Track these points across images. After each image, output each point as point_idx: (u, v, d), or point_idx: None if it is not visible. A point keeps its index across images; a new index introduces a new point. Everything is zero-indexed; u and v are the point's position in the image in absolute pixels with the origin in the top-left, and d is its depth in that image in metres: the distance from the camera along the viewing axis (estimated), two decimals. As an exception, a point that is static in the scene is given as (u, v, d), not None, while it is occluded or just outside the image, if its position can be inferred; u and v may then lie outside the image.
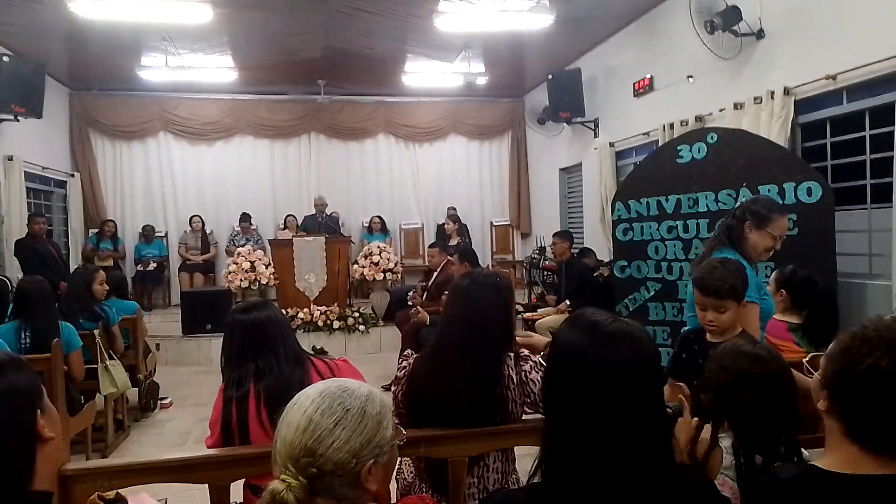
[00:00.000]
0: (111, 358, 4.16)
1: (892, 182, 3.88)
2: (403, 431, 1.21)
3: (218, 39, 7.31)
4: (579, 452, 1.04)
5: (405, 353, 2.12)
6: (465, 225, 10.22)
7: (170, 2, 5.77)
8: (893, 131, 3.83)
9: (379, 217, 9.95)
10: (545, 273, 7.65)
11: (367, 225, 10.01)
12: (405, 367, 2.02)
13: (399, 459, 1.65)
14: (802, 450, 1.39)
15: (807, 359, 1.12)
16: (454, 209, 10.22)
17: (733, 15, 4.91)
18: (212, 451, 1.85)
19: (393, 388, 2.06)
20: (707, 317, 2.14)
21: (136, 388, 4.97)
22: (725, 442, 1.45)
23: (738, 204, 2.77)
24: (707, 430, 1.45)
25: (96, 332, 4.10)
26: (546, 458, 1.08)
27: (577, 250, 7.26)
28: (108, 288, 4.59)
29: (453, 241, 7.98)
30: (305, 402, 1.10)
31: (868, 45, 4.03)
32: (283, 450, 1.06)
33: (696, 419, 1.48)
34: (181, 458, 1.72)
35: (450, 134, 10.71)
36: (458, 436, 1.78)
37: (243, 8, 6.22)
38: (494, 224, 10.82)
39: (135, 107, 9.51)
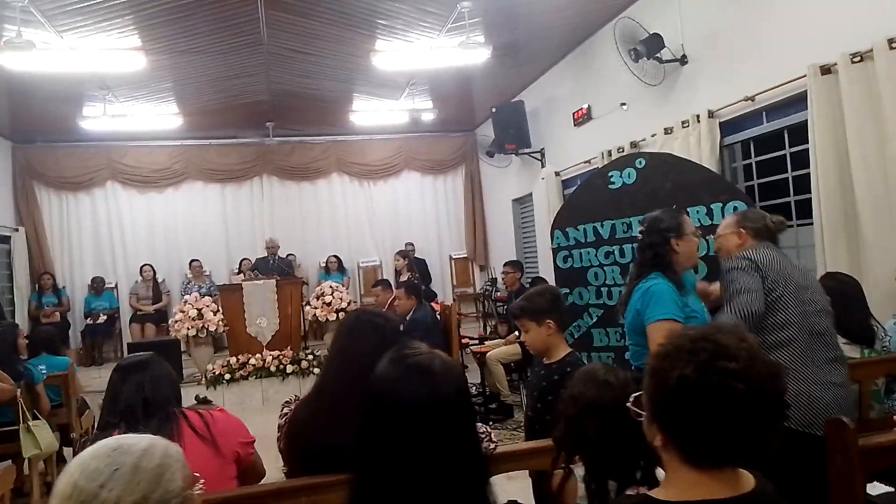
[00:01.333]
0: (35, 418, 3.99)
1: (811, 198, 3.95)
2: (200, 478, 1.13)
3: (158, 86, 7.28)
4: (382, 486, 0.99)
5: (287, 399, 2.04)
6: (424, 260, 10.21)
7: (102, 51, 5.75)
8: (808, 149, 3.91)
9: (336, 256, 9.89)
10: (497, 304, 7.62)
11: (325, 265, 9.92)
12: (286, 414, 1.94)
13: None
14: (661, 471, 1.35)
15: (631, 400, 1.09)
16: (412, 244, 10.21)
17: (655, 42, 5.04)
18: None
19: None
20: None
21: (72, 448, 4.77)
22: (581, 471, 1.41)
23: (639, 235, 2.76)
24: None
25: (18, 392, 3.93)
26: (353, 488, 1.04)
27: (529, 280, 7.27)
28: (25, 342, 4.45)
29: (403, 278, 7.92)
30: (73, 468, 1.03)
31: (780, 66, 4.16)
32: None
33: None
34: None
35: (403, 170, 10.76)
36: (341, 482, 1.70)
37: (177, 53, 6.22)
38: (453, 257, 10.82)
39: (80, 157, 9.38)
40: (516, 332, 6.03)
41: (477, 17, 5.83)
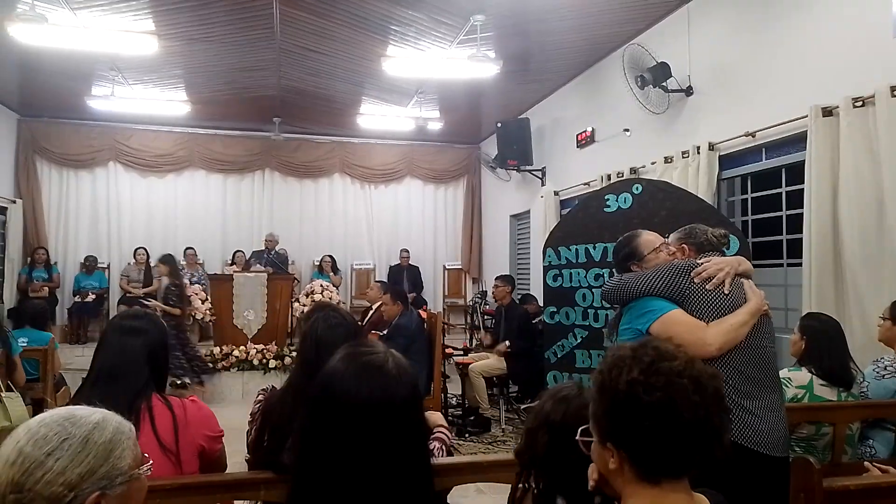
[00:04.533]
0: (8, 389, 3.96)
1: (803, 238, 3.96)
2: (149, 460, 1.13)
3: (169, 72, 7.31)
4: (322, 483, 0.99)
5: (264, 388, 2.04)
6: (417, 267, 10.23)
7: (116, 32, 5.78)
8: (804, 189, 3.93)
9: (330, 256, 9.88)
10: (484, 317, 7.62)
11: (318, 264, 9.91)
12: (260, 401, 1.94)
13: None
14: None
15: (578, 434, 1.09)
16: (407, 251, 10.22)
17: (662, 71, 5.07)
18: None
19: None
20: None
21: (45, 423, 4.73)
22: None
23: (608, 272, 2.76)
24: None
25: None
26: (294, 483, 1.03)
27: (519, 296, 7.28)
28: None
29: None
30: (20, 433, 1.02)
31: (783, 104, 4.19)
32: None
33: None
34: None
35: (406, 177, 10.79)
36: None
37: (190, 41, 6.24)
38: (447, 267, 10.83)
39: (85, 136, 9.40)
40: (506, 343, 6.02)
41: (490, 31, 5.88)
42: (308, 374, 1.75)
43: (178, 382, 6.29)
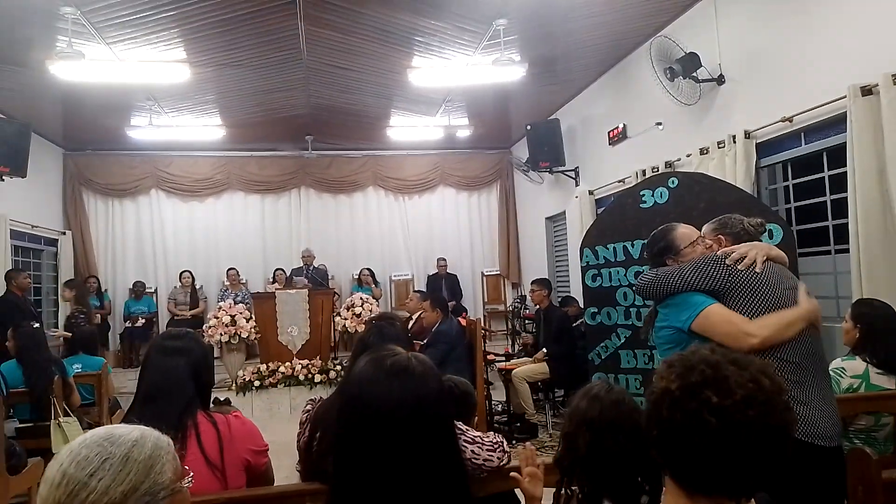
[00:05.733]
0: (66, 414, 4.11)
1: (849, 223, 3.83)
2: (190, 473, 1.15)
3: (203, 98, 7.50)
4: (359, 481, 0.99)
5: (312, 398, 2.07)
6: (455, 275, 10.25)
7: (148, 63, 5.96)
8: (847, 172, 3.80)
9: (368, 269, 9.96)
10: (525, 321, 7.56)
11: (358, 277, 10.01)
12: (308, 411, 1.97)
13: None
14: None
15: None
16: (444, 260, 10.25)
17: (691, 62, 4.98)
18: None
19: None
20: None
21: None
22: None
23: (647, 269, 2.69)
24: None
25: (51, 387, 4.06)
26: (333, 482, 1.03)
27: (559, 298, 7.20)
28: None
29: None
30: (63, 455, 1.04)
31: (820, 87, 4.06)
32: None
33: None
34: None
35: (438, 185, 10.83)
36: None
37: (220, 66, 6.40)
38: (485, 274, 10.80)
39: (127, 165, 9.72)
40: (544, 350, 5.98)
41: (513, 34, 5.87)
42: None
43: (222, 399, 6.40)
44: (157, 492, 1.04)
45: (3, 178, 6.77)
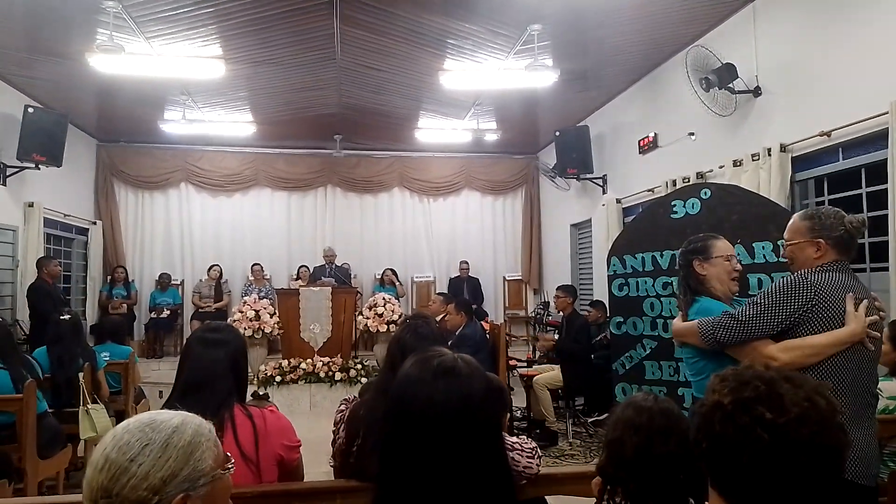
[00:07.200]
0: (94, 402, 4.17)
1: (888, 241, 3.76)
2: (231, 460, 1.15)
3: (235, 94, 7.59)
4: (405, 481, 0.99)
5: (346, 397, 2.07)
6: (477, 279, 10.24)
7: (184, 58, 6.05)
8: (887, 189, 3.73)
9: (391, 270, 9.99)
10: (548, 328, 7.52)
11: (380, 277, 10.04)
12: (343, 411, 1.97)
13: None
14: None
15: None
16: (466, 263, 10.24)
17: (728, 72, 4.93)
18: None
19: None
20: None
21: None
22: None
23: (676, 280, 2.65)
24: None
25: (80, 374, 4.13)
26: (379, 483, 1.03)
27: (589, 305, 7.13)
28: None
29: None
30: (108, 439, 1.06)
31: (860, 102, 4.00)
32: (85, 491, 1.03)
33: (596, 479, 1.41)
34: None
35: (464, 189, 10.83)
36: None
37: (255, 64, 6.47)
38: (507, 279, 10.77)
39: (158, 158, 9.86)
40: (555, 335, 5.92)
41: (546, 40, 5.86)
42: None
43: (261, 393, 6.47)
44: (196, 478, 1.05)
45: (39, 166, 6.90)
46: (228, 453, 1.15)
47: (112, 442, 1.05)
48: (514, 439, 1.82)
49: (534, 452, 1.79)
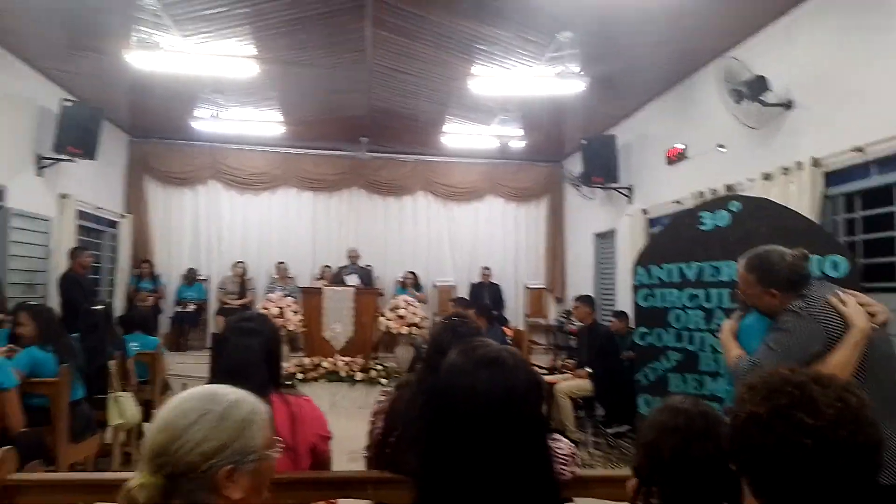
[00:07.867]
0: (123, 390, 4.26)
1: (921, 258, 3.71)
2: (280, 440, 1.19)
3: (266, 94, 7.70)
4: (448, 473, 1.01)
5: (384, 390, 2.10)
6: (498, 285, 10.23)
7: (219, 57, 6.15)
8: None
9: (412, 273, 10.04)
10: (568, 336, 7.50)
11: (402, 280, 10.10)
12: (382, 402, 2.00)
13: None
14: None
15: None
16: (488, 269, 10.25)
17: (759, 85, 4.90)
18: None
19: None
20: None
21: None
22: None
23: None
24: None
25: (111, 362, 4.22)
26: (421, 475, 1.05)
27: (612, 315, 7.09)
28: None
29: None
30: (171, 404, 1.13)
31: (895, 117, 3.95)
32: (145, 448, 1.09)
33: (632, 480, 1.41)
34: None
35: (487, 195, 10.85)
36: (407, 480, 1.73)
37: (287, 64, 6.57)
38: (529, 286, 10.76)
39: (188, 155, 10.02)
40: (588, 369, 5.91)
41: (576, 47, 5.86)
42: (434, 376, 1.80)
43: (289, 383, 6.53)
44: (247, 453, 1.10)
45: (74, 159, 7.05)
46: (279, 437, 1.20)
47: (175, 407, 1.12)
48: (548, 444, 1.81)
49: (569, 459, 1.75)
